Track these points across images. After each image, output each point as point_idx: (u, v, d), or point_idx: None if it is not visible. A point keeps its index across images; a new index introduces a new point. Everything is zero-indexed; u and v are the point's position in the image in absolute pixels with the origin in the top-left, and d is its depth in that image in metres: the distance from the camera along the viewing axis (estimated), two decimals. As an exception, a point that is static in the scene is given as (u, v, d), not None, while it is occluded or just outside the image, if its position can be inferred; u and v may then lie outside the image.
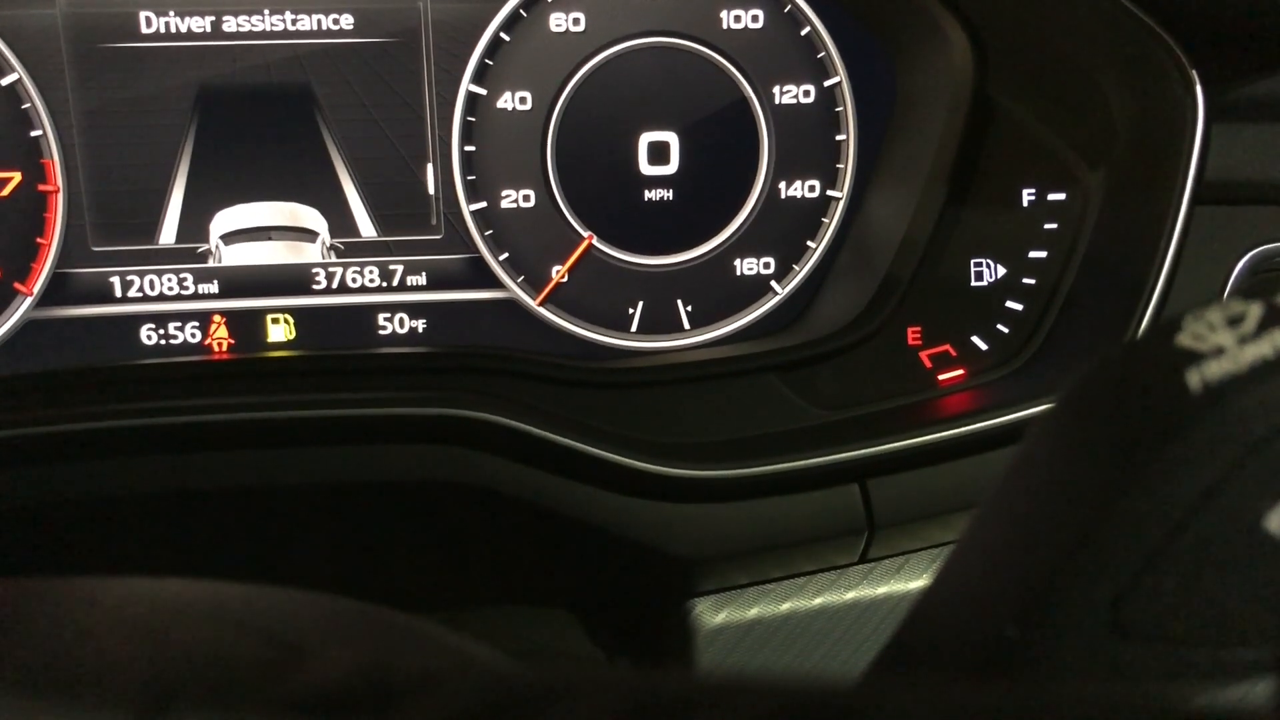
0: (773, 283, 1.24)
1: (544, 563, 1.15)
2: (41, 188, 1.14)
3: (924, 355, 1.14)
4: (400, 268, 1.21)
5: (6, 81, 1.11)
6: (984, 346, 1.14)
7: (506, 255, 1.21)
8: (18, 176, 1.13)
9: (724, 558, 1.03)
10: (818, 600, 1.03)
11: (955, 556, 0.48)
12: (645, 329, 1.23)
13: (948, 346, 1.14)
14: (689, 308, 1.23)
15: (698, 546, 1.02)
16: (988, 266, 1.15)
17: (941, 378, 1.13)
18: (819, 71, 1.19)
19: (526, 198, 1.20)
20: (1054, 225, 1.12)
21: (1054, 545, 0.44)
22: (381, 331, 1.22)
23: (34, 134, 1.12)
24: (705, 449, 1.01)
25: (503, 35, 1.15)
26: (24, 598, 0.46)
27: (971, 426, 1.01)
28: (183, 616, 0.46)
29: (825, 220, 1.23)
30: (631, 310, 1.23)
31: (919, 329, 1.14)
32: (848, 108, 1.20)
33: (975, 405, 1.05)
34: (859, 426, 1.04)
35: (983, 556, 0.48)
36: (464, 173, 1.18)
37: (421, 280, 1.21)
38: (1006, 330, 1.14)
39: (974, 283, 1.14)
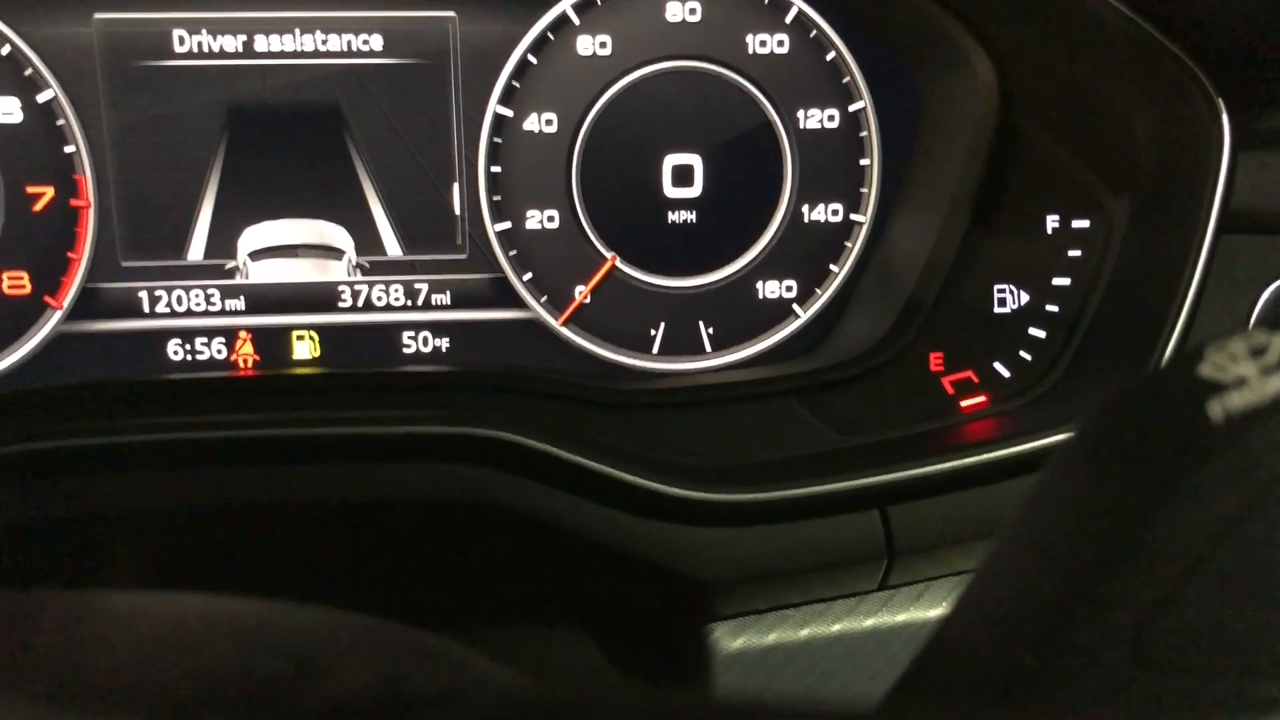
0: (795, 306, 1.24)
1: (563, 583, 1.15)
2: (74, 203, 1.15)
3: (946, 381, 1.13)
4: (425, 287, 1.21)
5: (42, 98, 1.12)
6: (1006, 373, 1.14)
7: (530, 275, 1.22)
8: (51, 191, 1.15)
9: (743, 582, 1.02)
10: (837, 627, 1.02)
11: (975, 583, 0.48)
12: (667, 350, 1.24)
13: (970, 373, 1.13)
14: (711, 330, 1.24)
15: (717, 570, 1.02)
16: (1011, 293, 1.14)
17: (964, 404, 1.12)
18: (844, 96, 1.19)
19: (551, 218, 1.20)
20: (1078, 252, 1.12)
21: (1074, 573, 0.43)
22: (406, 350, 1.23)
23: (68, 150, 1.14)
24: (726, 472, 1.01)
25: (530, 58, 1.16)
26: (46, 610, 0.47)
27: (993, 454, 1.00)
28: (202, 631, 0.47)
29: (848, 244, 1.23)
30: (653, 332, 1.23)
31: (941, 355, 1.14)
32: (872, 133, 1.20)
33: (997, 432, 1.04)
34: (880, 452, 1.03)
35: (1002, 583, 0.48)
36: (489, 193, 1.19)
37: (446, 299, 1.22)
38: (1029, 357, 1.13)
39: (997, 309, 1.14)
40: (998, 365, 1.13)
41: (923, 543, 1.00)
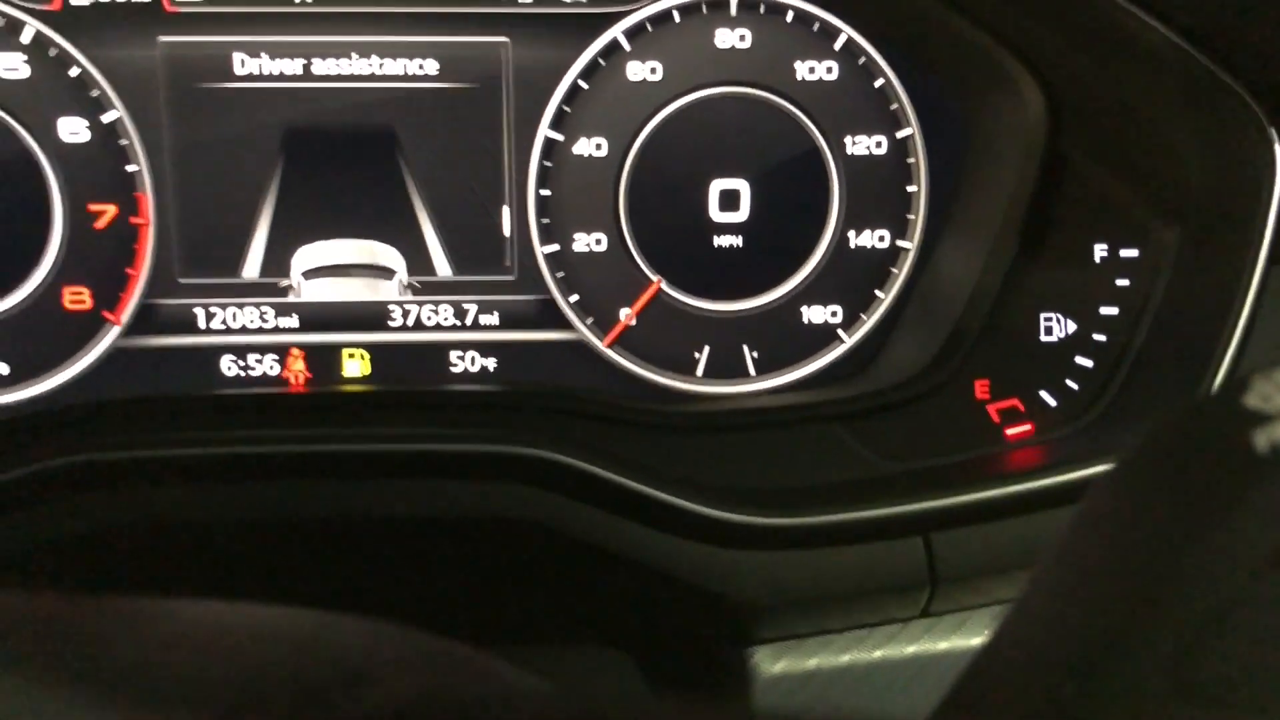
0: (840, 331, 1.24)
1: (604, 603, 1.15)
2: (134, 221, 1.18)
3: (991, 409, 1.13)
4: (474, 307, 1.23)
5: (107, 119, 1.16)
6: (1053, 402, 1.13)
7: (577, 297, 1.23)
8: (113, 209, 1.18)
9: (785, 606, 1.02)
10: (878, 653, 1.02)
11: (1016, 609, 0.48)
12: (711, 374, 1.24)
13: (1016, 401, 1.13)
14: (755, 354, 1.24)
15: (759, 593, 1.02)
16: (1058, 321, 1.14)
17: (1009, 432, 1.12)
18: (892, 123, 1.20)
19: (599, 241, 1.22)
20: (1126, 282, 1.11)
21: (1116, 601, 0.43)
22: (454, 369, 1.24)
23: (130, 169, 1.17)
24: (769, 496, 1.01)
25: (581, 83, 1.18)
26: (105, 615, 0.48)
27: (1038, 482, 1.00)
28: (255, 638, 0.48)
29: (894, 270, 1.23)
30: (698, 355, 1.24)
31: (987, 382, 1.14)
32: (919, 160, 1.20)
33: (1043, 461, 1.04)
34: (925, 479, 1.03)
35: (1043, 611, 0.48)
36: (539, 216, 1.21)
37: (494, 320, 1.23)
38: (1075, 386, 1.13)
39: (1043, 337, 1.14)
40: (1043, 393, 1.13)
41: (966, 570, 1.00)
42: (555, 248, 1.22)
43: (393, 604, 1.21)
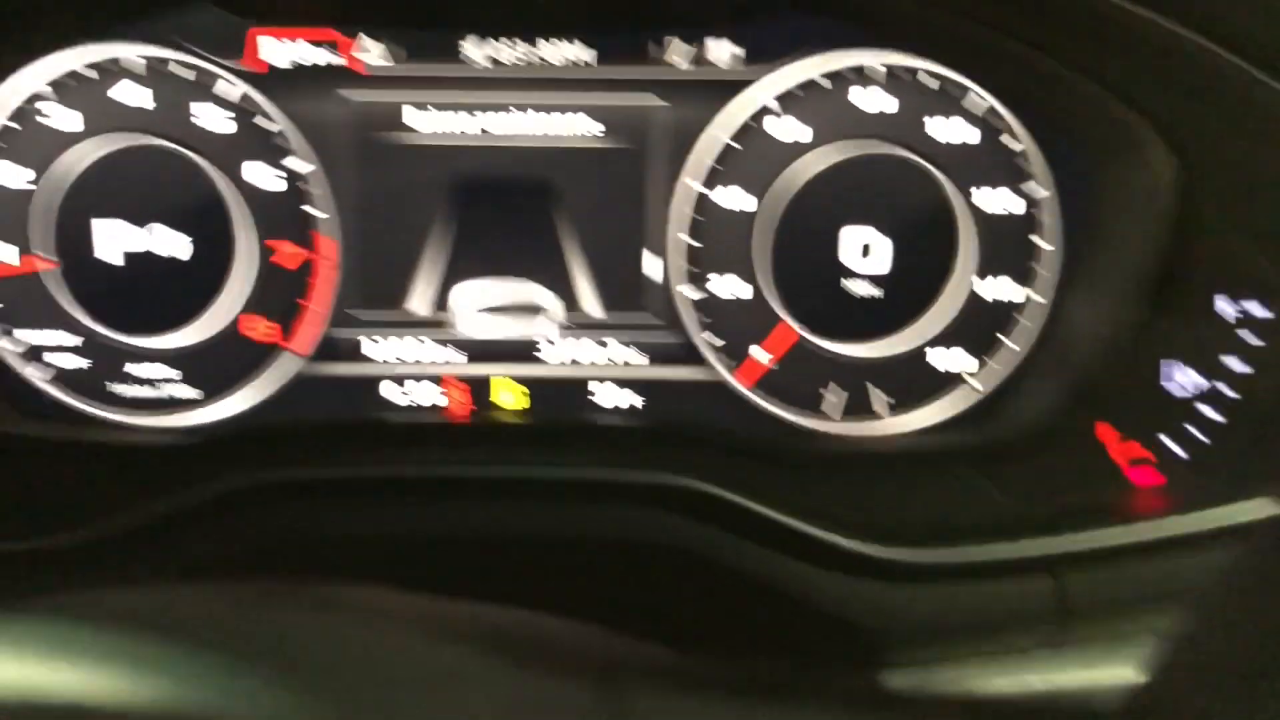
0: (969, 377, 1.30)
1: (738, 625, 1.22)
2: (315, 259, 1.30)
3: (1118, 456, 1.18)
4: (620, 345, 1.32)
5: (297, 168, 1.27)
6: (1178, 450, 1.17)
7: (718, 339, 1.31)
8: (298, 249, 1.29)
9: (915, 635, 1.08)
10: (1007, 684, 1.07)
11: (1166, 650, 0.53)
12: (845, 414, 1.31)
13: (1142, 449, 1.17)
14: (888, 397, 1.31)
15: (889, 622, 1.08)
16: (1185, 374, 1.18)
17: (1134, 477, 1.17)
18: (1024, 181, 1.26)
19: (740, 288, 1.30)
20: (1255, 339, 1.15)
21: (1270, 646, 0.48)
22: (599, 403, 1.33)
23: (314, 213, 1.28)
24: (906, 532, 1.08)
25: (729, 141, 1.26)
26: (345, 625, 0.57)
27: (1163, 526, 1.05)
28: (509, 646, 0.57)
29: (1023, 320, 1.29)
30: (832, 396, 1.31)
31: (1114, 430, 1.18)
32: (1051, 217, 1.26)
33: (1168, 506, 1.09)
34: (1054, 519, 1.09)
35: (1195, 654, 0.52)
36: (685, 263, 1.29)
37: (639, 358, 1.32)
38: (1200, 436, 1.17)
39: (1171, 390, 1.18)
40: (1169, 442, 1.17)
41: (1094, 608, 1.05)
42: (699, 293, 1.30)
43: (540, 623, 1.29)
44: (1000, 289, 1.28)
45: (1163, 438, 1.18)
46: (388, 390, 1.33)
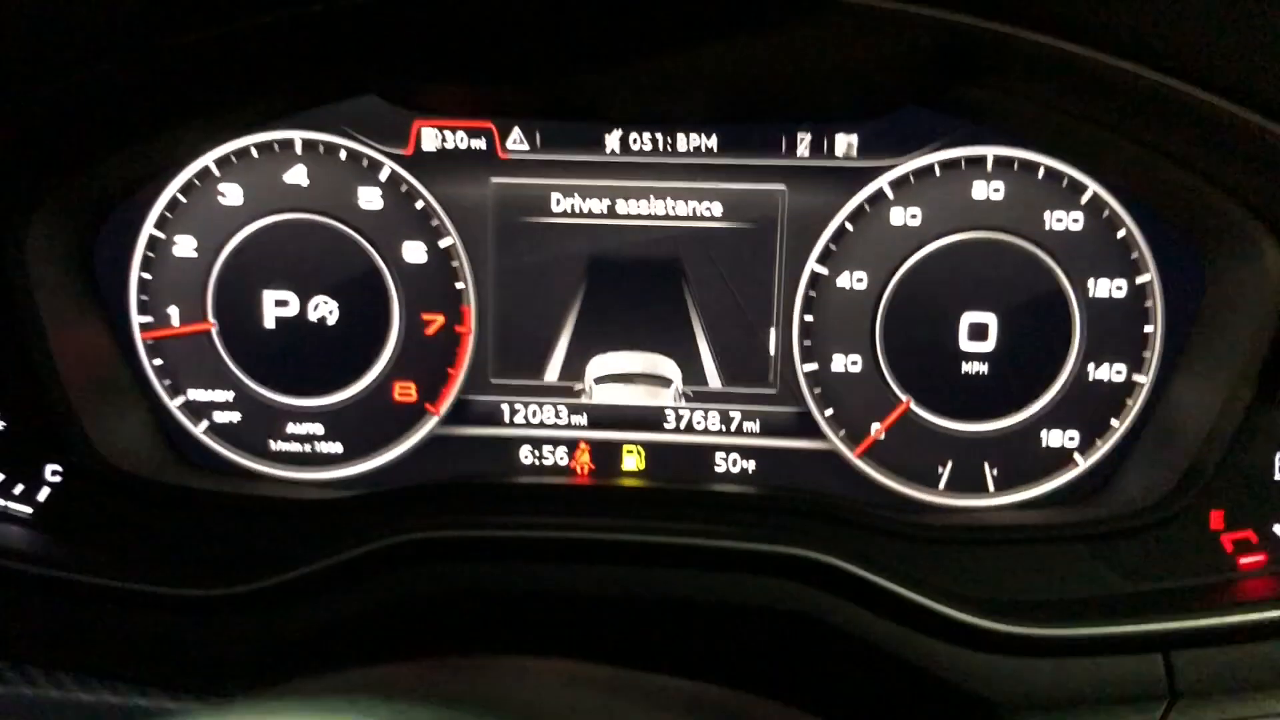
0: (1076, 455, 1.35)
1: (855, 693, 1.27)
2: (458, 329, 1.39)
3: (1226, 539, 1.22)
4: (739, 415, 1.39)
5: (443, 244, 1.38)
6: (1289, 538, 1.21)
7: (832, 411, 1.38)
8: (442, 319, 1.39)
9: (1027, 708, 1.13)
10: (1114, 757, 1.11)
11: None
12: (953, 487, 1.37)
13: (1250, 533, 1.21)
14: (995, 471, 1.36)
15: (1005, 694, 1.13)
16: (1297, 465, 1.22)
17: (1242, 561, 1.20)
18: (1132, 269, 1.31)
19: (854, 363, 1.36)
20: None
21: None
22: (718, 469, 1.40)
23: (458, 286, 1.38)
24: (1019, 606, 1.13)
25: (847, 225, 1.34)
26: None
27: (1275, 611, 1.08)
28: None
29: (1130, 402, 1.33)
30: (941, 469, 1.37)
31: (1222, 514, 1.22)
32: (1157, 302, 1.31)
33: (1277, 591, 1.12)
34: (1164, 600, 1.13)
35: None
36: (802, 338, 1.36)
37: (756, 428, 1.39)
38: (1310, 524, 1.20)
39: (1278, 476, 1.22)
40: (1277, 528, 1.21)
41: (1203, 688, 1.08)
42: (815, 367, 1.37)
43: (663, 680, 1.36)
44: (1108, 370, 1.33)
45: (1273, 526, 1.21)
46: (523, 452, 1.42)
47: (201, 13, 1.12)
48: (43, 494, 1.33)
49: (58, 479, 1.34)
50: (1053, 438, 1.35)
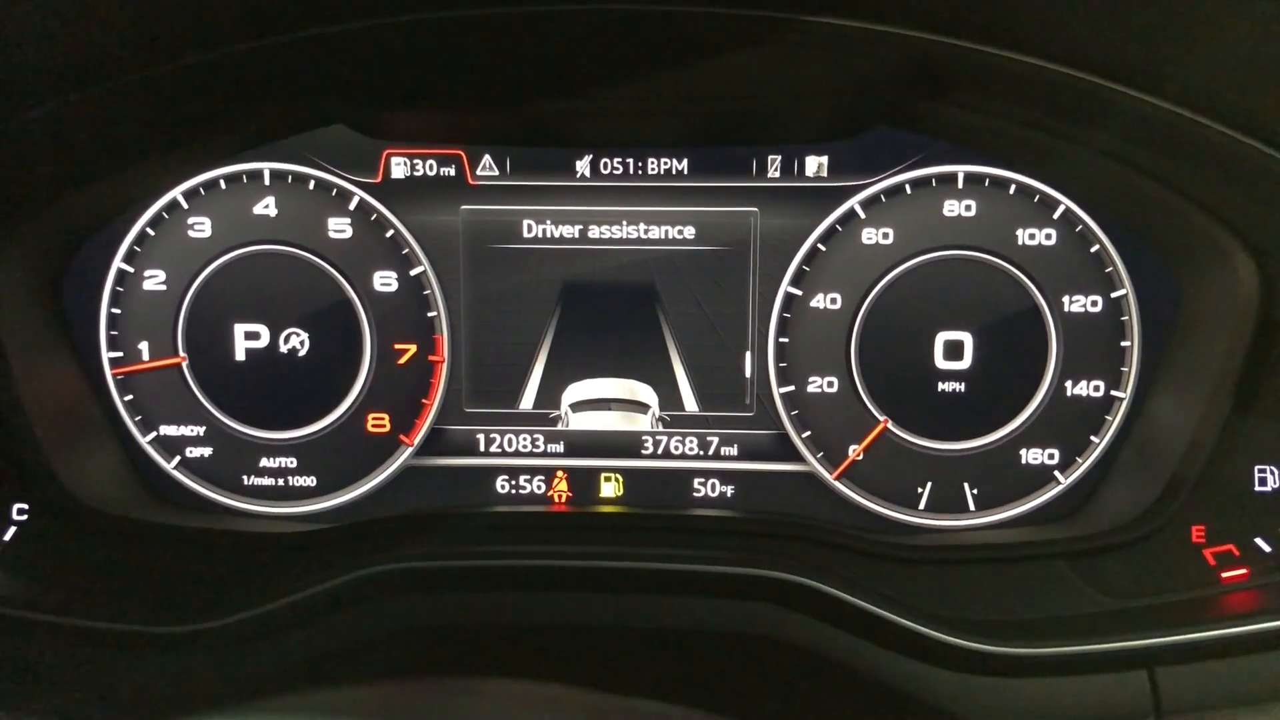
0: (1056, 473, 1.34)
1: (836, 715, 1.26)
2: (430, 358, 1.38)
3: (1208, 553, 1.21)
4: (716, 439, 1.38)
5: (414, 272, 1.37)
6: (1267, 549, 1.20)
7: (809, 434, 1.37)
8: (414, 348, 1.38)
9: (1012, 728, 1.11)
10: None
11: None
12: (933, 508, 1.36)
13: (1231, 546, 1.20)
14: (975, 491, 1.35)
15: (986, 716, 1.11)
16: (1272, 473, 1.21)
17: (1225, 575, 1.19)
18: (1106, 284, 1.31)
19: (830, 384, 1.36)
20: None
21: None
22: (696, 494, 1.39)
23: (430, 315, 1.37)
24: (999, 626, 1.11)
25: (820, 245, 1.33)
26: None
27: (1258, 624, 1.07)
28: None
29: (1108, 418, 1.33)
30: (920, 490, 1.36)
31: (1203, 528, 1.21)
32: (1132, 317, 1.31)
33: (1260, 605, 1.11)
34: (1147, 616, 1.12)
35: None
36: (777, 360, 1.36)
37: (733, 451, 1.38)
38: (1292, 536, 1.20)
39: (1258, 488, 1.21)
40: (1259, 540, 1.20)
41: (1189, 704, 1.07)
42: (791, 389, 1.36)
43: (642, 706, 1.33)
44: (1085, 386, 1.32)
45: (1254, 538, 1.20)
46: (499, 482, 1.41)
47: (166, 47, 1.11)
48: (9, 534, 1.31)
49: (23, 518, 1.31)
50: (1032, 455, 1.34)
